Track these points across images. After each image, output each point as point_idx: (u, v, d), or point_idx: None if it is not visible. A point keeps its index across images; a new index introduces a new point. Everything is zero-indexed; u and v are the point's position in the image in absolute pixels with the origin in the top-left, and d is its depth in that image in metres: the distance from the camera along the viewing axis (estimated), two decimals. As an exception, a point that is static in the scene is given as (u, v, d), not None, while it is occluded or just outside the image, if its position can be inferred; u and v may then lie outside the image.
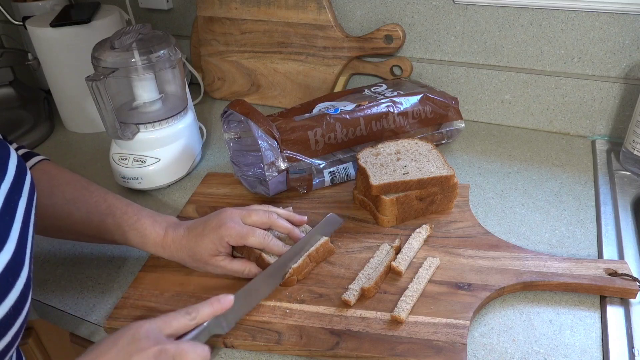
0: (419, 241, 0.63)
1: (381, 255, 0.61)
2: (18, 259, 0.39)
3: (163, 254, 0.61)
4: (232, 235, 0.57)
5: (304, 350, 0.52)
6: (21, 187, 0.42)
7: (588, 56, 0.84)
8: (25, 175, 0.43)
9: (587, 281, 0.56)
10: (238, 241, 0.58)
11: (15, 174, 0.41)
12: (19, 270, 0.39)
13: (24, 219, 0.41)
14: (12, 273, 0.38)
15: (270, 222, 0.61)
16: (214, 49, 1.06)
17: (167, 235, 0.60)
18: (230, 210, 0.60)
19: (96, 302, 0.61)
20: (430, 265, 0.59)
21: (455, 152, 0.86)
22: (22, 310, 0.40)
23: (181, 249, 0.59)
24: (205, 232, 0.58)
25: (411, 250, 0.62)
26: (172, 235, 0.60)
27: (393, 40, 0.92)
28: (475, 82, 0.92)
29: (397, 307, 0.54)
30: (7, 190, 0.40)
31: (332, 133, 0.74)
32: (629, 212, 0.69)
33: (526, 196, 0.74)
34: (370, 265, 0.60)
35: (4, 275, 0.37)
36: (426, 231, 0.65)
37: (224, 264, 0.59)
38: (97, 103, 0.72)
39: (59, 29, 0.89)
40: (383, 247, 0.62)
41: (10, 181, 0.40)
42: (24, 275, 0.40)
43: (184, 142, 0.81)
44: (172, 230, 0.60)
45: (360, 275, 0.59)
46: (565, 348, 0.52)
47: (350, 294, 0.56)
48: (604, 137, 0.87)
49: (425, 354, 0.50)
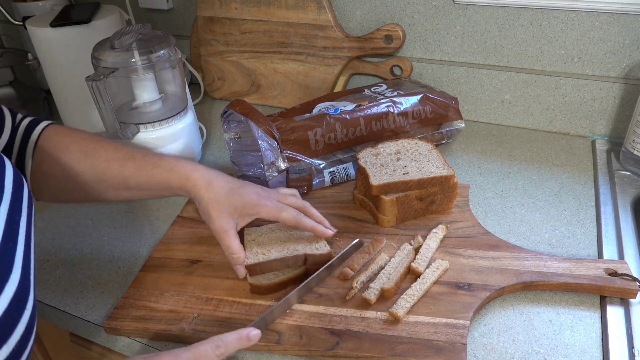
0: (435, 241, 0.63)
1: (401, 255, 0.61)
2: (24, 289, 0.37)
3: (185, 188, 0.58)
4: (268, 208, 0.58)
5: (304, 350, 0.52)
6: (20, 204, 0.40)
7: (588, 56, 0.84)
8: (22, 189, 0.41)
9: (587, 281, 0.56)
10: (271, 215, 0.58)
11: (12, 190, 0.39)
12: (25, 301, 0.37)
13: (25, 241, 0.40)
14: (17, 307, 0.36)
15: (305, 209, 0.61)
16: (214, 49, 1.06)
17: (196, 171, 0.58)
18: (269, 189, 0.62)
19: (96, 302, 0.61)
20: (438, 268, 0.58)
21: (455, 152, 0.86)
22: (27, 344, 0.38)
23: (208, 191, 0.57)
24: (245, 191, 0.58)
25: (429, 250, 0.61)
26: (202, 172, 0.58)
27: (393, 40, 0.92)
28: (475, 82, 0.92)
29: (397, 304, 0.54)
30: (7, 212, 0.38)
31: (332, 133, 0.74)
32: (629, 212, 0.69)
33: (526, 196, 0.74)
34: (390, 265, 0.59)
35: (9, 311, 0.35)
36: (442, 231, 0.64)
37: (230, 234, 0.57)
38: (97, 103, 0.72)
39: (59, 29, 0.89)
40: (404, 247, 0.62)
41: (9, 200, 0.39)
42: (29, 306, 0.38)
43: (184, 142, 0.81)
44: (203, 169, 0.59)
45: (381, 274, 0.58)
46: (565, 348, 0.52)
47: (371, 292, 0.56)
48: (604, 137, 0.87)
49: (425, 354, 0.50)
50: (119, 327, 0.56)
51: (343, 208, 0.72)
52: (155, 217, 0.75)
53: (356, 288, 0.57)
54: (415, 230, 0.66)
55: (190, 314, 0.56)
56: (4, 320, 0.34)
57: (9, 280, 0.35)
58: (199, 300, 0.58)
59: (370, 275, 0.59)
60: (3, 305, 0.34)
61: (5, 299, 0.35)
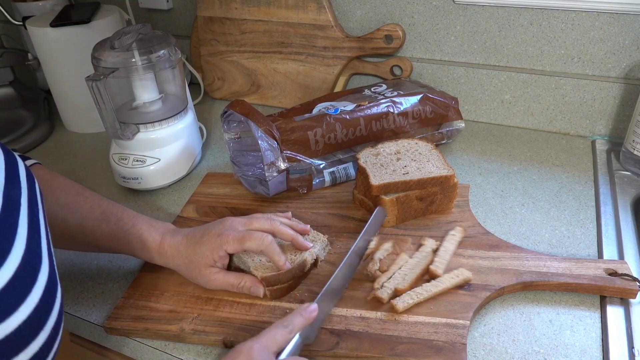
0: (453, 243, 0.62)
1: (419, 256, 0.60)
2: (53, 278, 0.38)
3: (159, 261, 0.59)
4: (230, 242, 0.56)
5: (304, 350, 0.51)
6: (36, 198, 0.40)
7: (588, 56, 0.84)
8: (35, 184, 0.41)
9: (587, 281, 0.56)
10: (236, 247, 0.56)
11: (27, 185, 0.40)
12: (55, 290, 0.37)
13: (46, 233, 0.40)
14: (50, 294, 0.36)
15: (273, 229, 0.59)
16: (214, 49, 1.06)
17: (164, 241, 0.58)
18: (232, 219, 0.59)
19: (96, 302, 0.61)
20: (458, 276, 0.57)
21: (455, 152, 0.86)
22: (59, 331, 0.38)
23: (178, 256, 0.58)
24: (204, 239, 0.57)
25: (447, 253, 0.60)
26: (169, 241, 0.58)
27: (393, 40, 0.92)
28: (475, 82, 0.92)
29: (400, 297, 0.54)
30: (27, 204, 0.38)
31: (332, 133, 0.74)
32: (629, 212, 0.69)
33: (526, 196, 0.74)
34: (407, 266, 0.59)
35: (45, 297, 0.35)
36: (460, 233, 0.63)
37: (218, 277, 0.57)
38: (97, 103, 0.72)
39: (59, 29, 0.89)
40: (423, 249, 0.61)
41: (27, 194, 0.39)
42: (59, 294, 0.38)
43: (184, 142, 0.81)
44: (169, 236, 0.59)
45: (397, 274, 0.58)
46: (565, 348, 0.52)
47: (384, 291, 0.55)
48: (604, 137, 0.87)
49: (425, 354, 0.50)
50: (119, 327, 0.56)
51: (343, 208, 0.72)
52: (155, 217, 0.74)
53: (377, 289, 0.56)
54: (415, 230, 0.66)
55: (190, 314, 0.56)
56: (40, 307, 0.35)
57: (40, 268, 0.36)
58: (199, 300, 0.58)
59: (391, 276, 0.58)
60: (38, 293, 0.35)
61: (39, 287, 0.35)
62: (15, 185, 0.37)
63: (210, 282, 0.58)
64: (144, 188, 0.79)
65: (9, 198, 0.36)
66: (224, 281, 0.57)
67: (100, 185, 0.83)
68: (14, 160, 0.39)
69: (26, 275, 0.34)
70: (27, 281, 0.34)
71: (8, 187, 0.36)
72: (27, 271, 0.34)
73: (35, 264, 0.36)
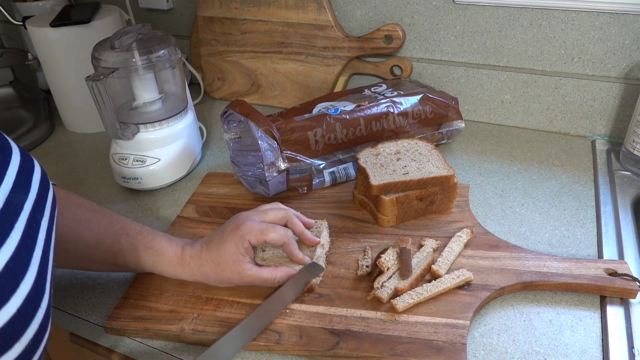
0: (459, 245, 0.62)
1: (420, 256, 0.60)
2: (39, 288, 0.37)
3: (182, 274, 0.58)
4: (253, 232, 0.56)
5: (304, 350, 0.52)
6: (44, 205, 0.40)
7: (588, 56, 0.84)
8: (48, 191, 0.41)
9: (587, 281, 0.56)
10: (259, 238, 0.56)
11: (39, 191, 0.39)
12: (39, 300, 0.37)
13: (45, 241, 0.39)
14: (32, 305, 0.36)
15: (288, 218, 0.60)
16: (214, 49, 1.06)
17: (185, 252, 0.57)
18: (246, 213, 0.59)
19: (96, 302, 0.61)
20: (459, 276, 0.57)
21: (455, 152, 0.86)
22: (40, 344, 0.37)
23: (203, 263, 0.57)
24: (224, 236, 0.56)
25: (451, 254, 0.60)
26: (189, 251, 0.57)
27: (393, 40, 0.92)
28: (475, 82, 0.92)
29: (400, 297, 0.54)
30: (30, 210, 0.37)
31: (332, 133, 0.74)
32: (629, 212, 0.69)
33: (526, 196, 0.74)
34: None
35: (24, 308, 0.34)
36: (467, 235, 0.63)
37: (253, 272, 0.56)
38: (97, 103, 0.72)
39: (59, 29, 0.89)
40: (424, 249, 0.61)
41: (34, 199, 0.38)
42: (44, 305, 0.37)
43: (184, 142, 0.81)
44: (189, 247, 0.58)
45: (396, 274, 0.58)
46: (565, 348, 0.52)
47: (385, 291, 0.55)
48: (604, 137, 0.87)
49: (425, 354, 0.50)
50: (119, 327, 0.56)
51: (343, 208, 0.72)
52: (155, 217, 0.75)
53: (377, 288, 0.56)
54: (415, 230, 0.66)
55: (190, 314, 0.56)
56: (17, 318, 0.34)
57: (24, 278, 0.35)
58: (199, 300, 0.58)
59: (391, 275, 0.58)
60: (17, 302, 0.34)
61: (19, 297, 0.35)
62: (22, 190, 0.37)
63: (244, 277, 0.56)
64: (144, 188, 0.79)
65: (10, 203, 0.35)
66: (259, 276, 0.56)
67: (100, 185, 0.84)
68: (30, 166, 0.39)
69: (5, 284, 0.33)
70: (6, 290, 0.33)
71: (13, 192, 0.36)
72: (7, 279, 0.33)
73: (19, 274, 0.35)
